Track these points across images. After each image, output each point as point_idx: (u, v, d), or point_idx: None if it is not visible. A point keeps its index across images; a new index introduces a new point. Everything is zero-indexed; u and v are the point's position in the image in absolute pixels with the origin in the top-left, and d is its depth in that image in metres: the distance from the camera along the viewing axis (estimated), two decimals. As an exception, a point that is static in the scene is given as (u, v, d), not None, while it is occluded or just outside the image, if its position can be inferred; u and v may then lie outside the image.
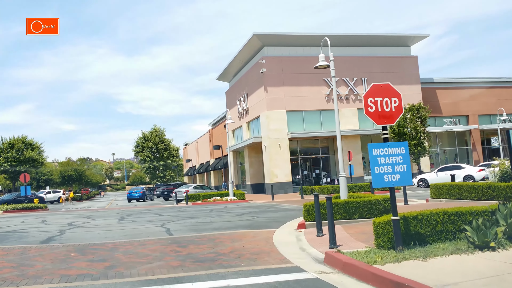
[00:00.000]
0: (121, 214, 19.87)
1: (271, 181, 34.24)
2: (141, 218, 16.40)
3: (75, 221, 16.32)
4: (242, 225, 12.04)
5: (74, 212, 25.21)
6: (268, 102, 34.47)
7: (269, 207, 18.95)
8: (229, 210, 18.61)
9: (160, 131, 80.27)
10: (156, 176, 78.00)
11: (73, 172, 62.18)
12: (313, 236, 9.69)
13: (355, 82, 36.14)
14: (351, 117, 35.83)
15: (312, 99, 35.28)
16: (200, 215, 16.40)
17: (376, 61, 37.00)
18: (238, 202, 26.29)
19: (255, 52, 37.06)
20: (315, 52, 36.60)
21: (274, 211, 16.45)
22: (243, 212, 16.73)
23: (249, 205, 21.54)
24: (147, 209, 24.84)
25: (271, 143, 34.20)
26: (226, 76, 45.92)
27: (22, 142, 48.79)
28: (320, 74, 35.52)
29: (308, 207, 11.29)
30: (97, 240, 10.37)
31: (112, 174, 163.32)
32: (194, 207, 23.61)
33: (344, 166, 15.17)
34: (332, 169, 36.90)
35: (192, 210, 19.82)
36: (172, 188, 41.77)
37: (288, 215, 14.36)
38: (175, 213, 18.75)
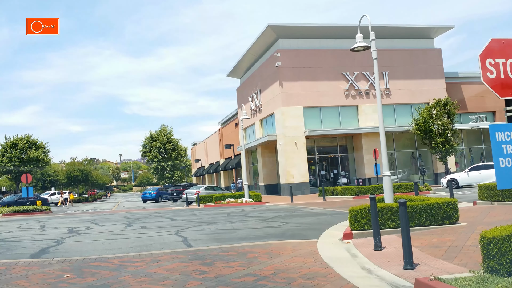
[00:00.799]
0: (129, 218, 17.97)
1: (287, 181, 32.23)
2: (151, 223, 14.47)
3: (77, 227, 14.42)
4: (272, 233, 10.05)
5: (78, 215, 23.37)
6: (284, 97, 32.46)
7: (293, 210, 16.94)
8: (248, 213, 16.64)
9: (168, 130, 78.58)
10: (164, 177, 76.21)
11: (79, 172, 60.52)
12: (370, 250, 7.69)
13: (376, 77, 33.96)
14: (371, 113, 33.70)
15: (330, 95, 33.23)
16: (217, 219, 14.44)
17: (397, 54, 34.86)
18: (255, 204, 24.30)
19: (269, 45, 35.08)
20: (333, 44, 34.63)
21: (302, 215, 14.45)
22: (267, 216, 14.74)
23: (269, 208, 19.55)
24: (157, 211, 22.93)
25: (287, 141, 32.19)
26: (237, 72, 43.96)
27: (26, 141, 47.12)
28: (339, 68, 33.49)
29: (356, 212, 9.27)
30: (100, 252, 8.44)
31: (119, 175, 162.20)
32: (207, 210, 21.66)
33: (377, 164, 13.15)
34: (351, 169, 34.80)
35: (207, 214, 17.87)
36: (182, 189, 39.93)
37: (321, 220, 12.35)
38: (189, 217, 16.81)
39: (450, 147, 29.96)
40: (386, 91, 34.09)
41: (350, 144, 34.97)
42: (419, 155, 35.42)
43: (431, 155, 35.12)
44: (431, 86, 34.81)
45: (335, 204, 19.23)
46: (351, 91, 33.47)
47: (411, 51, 35.24)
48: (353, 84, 33.45)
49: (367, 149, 33.21)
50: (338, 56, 33.63)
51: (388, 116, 34.45)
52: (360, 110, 33.64)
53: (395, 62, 34.61)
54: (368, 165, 33.06)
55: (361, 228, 9.19)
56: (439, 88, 34.83)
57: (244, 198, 25.42)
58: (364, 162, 33.16)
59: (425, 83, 35.02)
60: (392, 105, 34.54)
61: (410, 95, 34.61)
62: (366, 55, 34.34)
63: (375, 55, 12.45)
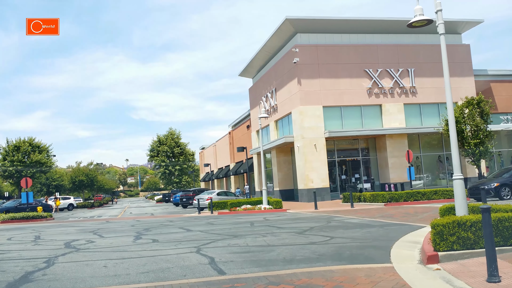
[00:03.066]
0: (137, 228, 15.75)
1: (305, 186, 29.91)
2: (163, 235, 12.24)
3: (76, 239, 12.21)
4: (323, 253, 7.75)
5: (80, 223, 21.19)
6: (302, 96, 30.20)
7: (327, 220, 14.63)
8: (275, 223, 14.36)
9: (176, 134, 76.65)
10: (172, 182, 74.10)
11: (84, 177, 58.47)
12: (482, 283, 5.39)
13: (401, 74, 31.68)
14: (396, 113, 31.33)
15: (352, 93, 30.93)
16: (242, 231, 12.18)
17: (423, 49, 32.53)
18: (275, 211, 22.00)
19: (286, 40, 32.87)
20: (355, 39, 32.36)
21: (343, 227, 12.14)
22: (300, 227, 12.45)
23: (296, 217, 17.24)
24: (167, 219, 20.70)
25: (305, 143, 29.89)
26: (250, 71, 41.79)
27: (29, 144, 45.13)
28: (361, 65, 31.20)
29: (442, 228, 6.92)
30: (101, 282, 6.21)
31: (125, 180, 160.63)
32: (224, 218, 19.38)
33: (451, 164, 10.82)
34: (373, 173, 32.38)
35: (226, 223, 15.61)
36: (192, 195, 37.65)
37: (373, 234, 10.05)
38: (206, 226, 14.55)
39: (484, 150, 27.47)
40: (411, 89, 31.75)
41: (372, 147, 32.59)
42: (446, 159, 32.95)
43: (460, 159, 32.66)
44: (459, 84, 32.39)
45: (371, 213, 16.90)
46: (374, 89, 31.16)
47: (438, 46, 32.80)
48: (377, 81, 31.14)
49: (391, 152, 30.83)
50: (360, 51, 31.37)
51: (414, 116, 32.09)
52: (384, 110, 31.28)
53: (420, 58, 32.29)
54: (394, 169, 30.66)
55: (449, 248, 6.86)
56: (468, 87, 32.40)
57: (262, 205, 23.13)
58: (388, 166, 30.75)
59: (452, 81, 32.47)
60: (418, 104, 32.16)
61: (437, 94, 32.20)
62: (390, 51, 32.12)
63: (442, 29, 10.13)
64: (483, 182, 20.76)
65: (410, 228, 10.92)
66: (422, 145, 32.44)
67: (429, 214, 14.54)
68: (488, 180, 20.87)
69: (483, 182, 20.63)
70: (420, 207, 18.77)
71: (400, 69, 31.63)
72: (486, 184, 20.09)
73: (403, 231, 10.29)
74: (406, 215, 14.79)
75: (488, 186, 19.95)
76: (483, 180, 21.69)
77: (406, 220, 13.18)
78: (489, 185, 19.99)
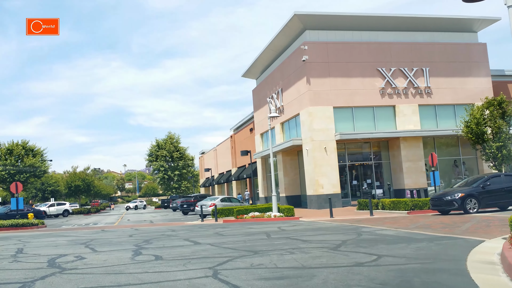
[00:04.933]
0: (136, 239, 13.86)
1: (315, 192, 28.05)
2: (168, 249, 10.37)
3: (64, 254, 10.32)
4: (384, 280, 5.86)
5: (73, 232, 19.26)
6: (311, 96, 28.43)
7: (355, 231, 12.77)
8: (295, 235, 12.50)
9: (175, 138, 74.74)
10: (171, 187, 72.06)
11: (81, 182, 56.44)
12: None
13: (415, 73, 29.95)
14: (410, 115, 29.58)
15: (364, 93, 29.18)
16: (260, 245, 10.33)
17: (438, 48, 30.85)
18: (287, 219, 20.13)
19: (294, 38, 31.14)
20: (366, 37, 30.64)
21: (382, 241, 10.28)
22: (330, 241, 10.59)
23: (315, 227, 15.37)
24: (169, 228, 18.78)
25: (315, 146, 28.06)
26: (254, 71, 40.05)
27: (23, 147, 43.13)
28: (374, 64, 29.48)
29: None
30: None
31: (123, 185, 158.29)
32: (232, 226, 17.49)
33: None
34: (386, 179, 30.54)
35: (238, 234, 13.74)
36: (193, 201, 35.80)
37: (427, 252, 8.19)
38: (216, 238, 12.67)
39: (507, 153, 25.71)
40: (426, 90, 30.01)
41: (384, 150, 30.79)
42: (463, 163, 31.15)
43: (476, 163, 30.90)
44: (476, 85, 30.72)
45: (400, 223, 15.05)
46: (388, 89, 29.42)
47: (453, 45, 31.21)
48: (390, 81, 29.40)
49: (406, 156, 29.04)
50: (373, 49, 29.66)
51: (429, 118, 30.34)
52: (398, 111, 29.52)
53: (435, 57, 30.60)
54: (408, 174, 28.85)
55: None
56: (485, 87, 30.72)
57: (272, 212, 21.23)
58: (403, 171, 28.92)
59: (468, 82, 30.92)
60: (434, 105, 30.42)
61: (453, 94, 30.50)
62: (404, 49, 30.41)
63: (511, 0, 8.32)
64: (447, 192, 18.26)
65: (465, 242, 9.09)
66: (437, 149, 30.64)
67: (472, 225, 12.71)
68: (453, 190, 18.33)
69: (447, 192, 18.13)
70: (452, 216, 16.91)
71: (414, 69, 29.92)
72: (450, 195, 17.58)
73: (462, 247, 8.46)
74: (445, 226, 12.94)
75: (452, 196, 17.40)
76: (447, 190, 19.20)
77: (450, 232, 11.34)
78: (453, 195, 17.43)
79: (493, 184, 17.60)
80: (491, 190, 17.49)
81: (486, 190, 17.44)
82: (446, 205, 17.51)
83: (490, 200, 17.47)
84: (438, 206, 18.04)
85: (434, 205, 18.32)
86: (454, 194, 17.42)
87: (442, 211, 18.09)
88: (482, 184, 17.60)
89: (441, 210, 18.11)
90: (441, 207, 17.82)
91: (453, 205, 17.29)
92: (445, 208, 17.72)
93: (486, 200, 17.34)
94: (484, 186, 17.48)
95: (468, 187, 17.88)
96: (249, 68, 39.44)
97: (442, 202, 17.65)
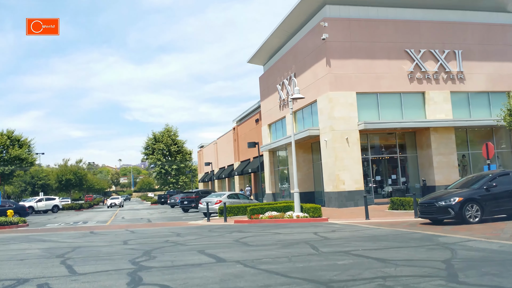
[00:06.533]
0: (133, 248, 10.50)
1: (335, 189, 24.76)
2: (181, 272, 7.02)
3: (25, 278, 6.95)
4: None
5: (55, 235, 15.84)
6: (332, 80, 25.07)
7: (432, 242, 9.46)
8: (350, 247, 9.19)
9: (173, 131, 71.24)
10: (168, 182, 68.58)
11: (72, 176, 52.86)
12: None
13: (447, 56, 26.63)
14: (441, 103, 26.28)
15: (390, 77, 25.85)
16: (317, 266, 7.02)
17: (471, 28, 27.54)
18: (313, 221, 16.80)
19: (311, 14, 27.69)
20: (393, 14, 27.12)
21: (500, 262, 6.94)
22: (421, 262, 7.29)
23: (363, 234, 12.02)
24: (171, 231, 15.40)
25: (335, 136, 24.74)
26: (261, 56, 36.61)
27: (8, 137, 39.53)
28: (401, 44, 26.14)
29: None
30: None
31: (118, 180, 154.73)
32: (250, 229, 14.13)
33: None
34: (412, 174, 27.24)
35: (268, 243, 10.41)
36: (195, 197, 32.39)
37: None
38: (242, 250, 9.32)
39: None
40: (459, 75, 26.72)
41: (410, 142, 27.47)
42: (497, 157, 27.92)
43: None
44: (512, 71, 27.47)
45: (475, 229, 11.74)
46: (417, 73, 26.09)
47: (488, 26, 27.90)
48: (419, 64, 26.09)
49: (437, 149, 25.76)
50: (400, 28, 26.32)
51: (461, 107, 27.06)
52: (428, 98, 26.22)
53: (468, 38, 27.29)
54: (439, 169, 25.59)
55: None
56: (524, 73, 27.45)
57: (294, 212, 17.89)
58: (433, 165, 25.64)
59: (504, 67, 27.66)
60: (466, 93, 27.13)
61: (487, 81, 27.24)
62: (434, 28, 27.05)
63: None
64: (441, 195, 13.80)
65: None
66: (470, 142, 27.41)
67: None
68: (449, 192, 13.86)
69: (440, 196, 13.71)
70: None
71: (445, 51, 26.59)
72: (444, 199, 13.25)
73: None
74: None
75: (447, 201, 13.08)
76: (441, 193, 14.55)
77: None
78: (448, 200, 13.11)
79: (500, 185, 13.27)
80: (497, 192, 13.15)
81: (492, 193, 13.10)
82: (439, 212, 13.13)
83: (496, 205, 13.13)
84: (428, 214, 13.65)
85: (423, 212, 13.91)
86: (449, 199, 13.08)
87: (434, 220, 13.83)
88: (486, 184, 13.27)
89: (432, 219, 13.83)
90: (433, 215, 13.46)
91: (449, 213, 12.96)
92: (437, 217, 13.38)
93: (491, 205, 13.02)
94: (488, 187, 13.15)
95: (467, 189, 13.54)
96: (256, 53, 36.00)
97: (434, 208, 13.27)
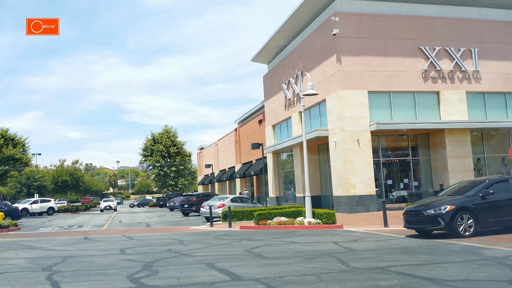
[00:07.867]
0: (131, 259, 9.12)
1: (345, 193, 23.39)
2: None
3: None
4: None
5: (47, 240, 14.44)
6: (342, 78, 23.75)
7: (481, 257, 8.07)
8: (385, 262, 7.83)
9: (172, 132, 69.94)
10: (167, 185, 67.24)
11: (68, 177, 51.50)
12: None
13: (462, 54, 25.34)
14: (456, 103, 24.97)
15: (404, 76, 24.53)
16: (342, 280, 5.66)
17: (488, 26, 26.26)
18: (327, 228, 15.44)
19: (320, 9, 26.39)
20: (406, 9, 25.86)
21: None
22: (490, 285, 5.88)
23: (390, 244, 10.64)
24: (173, 238, 14.01)
25: (345, 137, 23.39)
26: (266, 55, 35.30)
27: (2, 136, 38.11)
28: (415, 41, 24.84)
29: None
30: None
31: (116, 182, 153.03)
32: (260, 237, 12.75)
33: None
34: (425, 178, 25.90)
35: (286, 254, 9.03)
36: (195, 200, 30.97)
37: None
38: (258, 265, 7.95)
39: None
40: (475, 74, 25.42)
41: (422, 144, 26.14)
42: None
43: (530, 162, 26.37)
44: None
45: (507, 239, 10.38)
46: (431, 72, 24.78)
47: (505, 24, 26.66)
48: (434, 62, 24.79)
49: (452, 151, 24.43)
50: (414, 24, 25.03)
51: (477, 108, 25.74)
52: (443, 98, 24.91)
53: (485, 37, 26.01)
54: (454, 172, 24.23)
55: None
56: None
57: (305, 218, 16.53)
58: (448, 169, 24.30)
59: (521, 67, 26.39)
60: (482, 93, 25.82)
61: (504, 81, 25.95)
62: (449, 25, 25.78)
63: None
64: (430, 202, 12.18)
65: None
66: (485, 144, 26.11)
67: None
68: (439, 200, 12.21)
69: (429, 204, 12.03)
70: None
71: (461, 49, 25.30)
72: (434, 207, 11.62)
73: None
74: None
75: (436, 210, 11.48)
76: (430, 200, 12.90)
77: None
78: (437, 208, 11.50)
79: (498, 193, 11.67)
80: (495, 201, 11.58)
81: (488, 202, 11.51)
82: (427, 222, 11.52)
83: (493, 216, 11.53)
84: (415, 224, 12.04)
85: (409, 221, 12.30)
86: (439, 207, 11.47)
87: (421, 231, 12.31)
88: (482, 192, 11.63)
89: (419, 230, 12.25)
90: (420, 225, 11.85)
91: (438, 223, 11.33)
92: (425, 227, 11.76)
93: (487, 216, 11.44)
94: (484, 194, 11.55)
95: (460, 196, 11.89)
96: (260, 51, 34.70)
97: (422, 217, 11.66)
